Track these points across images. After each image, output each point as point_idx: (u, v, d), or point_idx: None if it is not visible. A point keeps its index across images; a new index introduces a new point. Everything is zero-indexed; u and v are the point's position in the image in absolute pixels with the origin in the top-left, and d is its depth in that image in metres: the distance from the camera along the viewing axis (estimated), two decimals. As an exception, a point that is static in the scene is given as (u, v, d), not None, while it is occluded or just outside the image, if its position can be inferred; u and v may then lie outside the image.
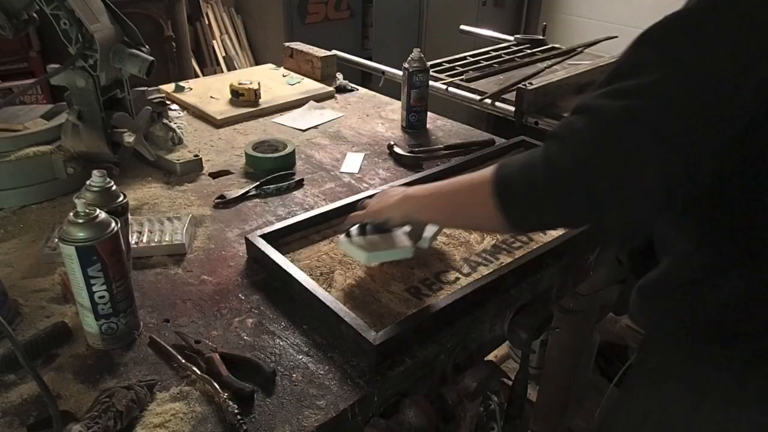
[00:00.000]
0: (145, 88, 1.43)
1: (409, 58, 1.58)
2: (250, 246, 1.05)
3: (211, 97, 1.77)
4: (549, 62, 2.22)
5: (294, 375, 0.82)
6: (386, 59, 2.44)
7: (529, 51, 2.40)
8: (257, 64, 3.58)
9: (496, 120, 2.00)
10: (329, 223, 1.15)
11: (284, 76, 1.98)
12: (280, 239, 1.08)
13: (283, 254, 1.01)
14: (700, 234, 0.77)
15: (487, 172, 0.72)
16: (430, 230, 1.05)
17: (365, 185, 1.34)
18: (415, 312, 0.89)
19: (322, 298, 0.89)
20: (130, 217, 0.99)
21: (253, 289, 0.99)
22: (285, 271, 0.96)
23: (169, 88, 1.82)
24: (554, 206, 0.67)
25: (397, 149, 1.47)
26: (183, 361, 0.82)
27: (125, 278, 0.84)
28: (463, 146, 1.51)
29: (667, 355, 0.85)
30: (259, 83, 1.75)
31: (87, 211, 0.78)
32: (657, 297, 0.85)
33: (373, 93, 1.94)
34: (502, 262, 1.06)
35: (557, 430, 1.76)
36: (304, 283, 0.93)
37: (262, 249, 1.02)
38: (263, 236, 1.05)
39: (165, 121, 1.41)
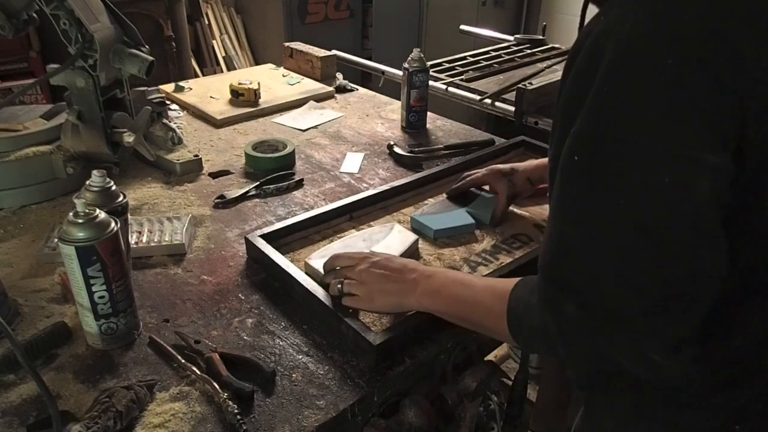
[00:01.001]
0: (145, 88, 1.43)
1: (409, 58, 1.58)
2: (250, 246, 1.05)
3: (210, 97, 1.77)
4: (549, 62, 2.22)
5: (294, 375, 0.82)
6: (386, 59, 2.44)
7: (529, 51, 2.40)
8: (257, 64, 3.58)
9: (496, 120, 1.99)
10: (329, 223, 1.15)
11: (284, 76, 1.98)
12: (279, 239, 1.08)
13: (282, 254, 1.01)
14: None
15: (500, 308, 0.74)
16: (400, 248, 1.05)
17: (365, 185, 1.34)
18: (415, 312, 0.89)
19: (322, 298, 0.90)
20: (129, 217, 0.98)
21: (253, 289, 0.99)
22: (285, 271, 0.96)
23: (168, 88, 1.82)
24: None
25: (396, 149, 1.47)
26: (183, 361, 0.82)
27: (125, 278, 0.84)
28: (463, 146, 1.50)
29: (639, 398, 0.74)
30: (258, 83, 1.75)
31: (87, 211, 0.78)
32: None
33: (373, 93, 1.94)
34: (502, 263, 1.06)
35: (557, 430, 1.76)
36: (304, 283, 0.93)
37: (262, 249, 1.02)
38: (263, 236, 1.05)
39: (165, 121, 1.41)
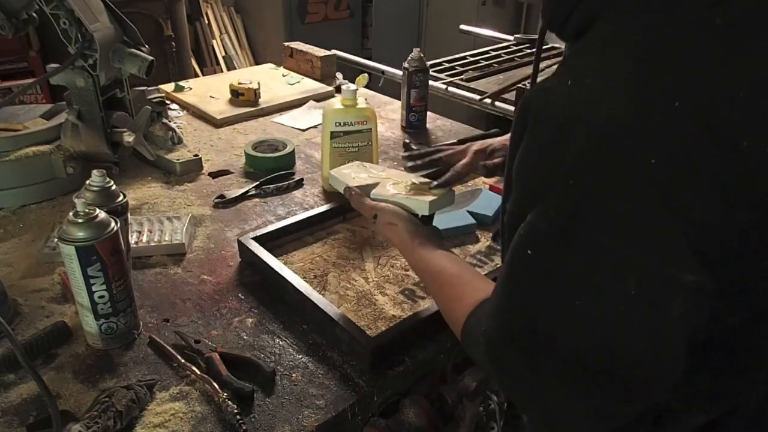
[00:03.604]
0: (145, 87, 1.43)
1: (409, 57, 1.58)
2: (243, 249, 1.04)
3: (210, 96, 1.77)
4: (549, 62, 2.22)
5: (294, 375, 0.82)
6: (386, 59, 2.44)
7: (528, 51, 2.40)
8: (257, 63, 3.58)
9: (495, 120, 2.00)
10: (322, 225, 1.14)
11: (284, 75, 1.98)
12: (271, 242, 1.06)
13: (276, 257, 1.00)
14: None
15: (461, 315, 0.71)
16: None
17: (365, 185, 1.34)
18: (410, 315, 0.88)
19: (316, 302, 0.88)
20: (129, 216, 0.98)
21: (253, 288, 0.99)
22: (279, 274, 0.95)
23: (168, 87, 1.82)
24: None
25: (414, 146, 1.46)
26: (182, 360, 0.82)
27: (125, 278, 0.84)
28: (474, 139, 1.51)
29: None
30: (258, 83, 1.75)
31: (87, 210, 0.78)
32: None
33: (373, 93, 1.94)
34: (497, 264, 1.06)
35: (557, 430, 1.76)
36: (298, 287, 0.92)
37: (256, 252, 1.00)
38: (256, 239, 1.04)
39: (165, 120, 1.41)
